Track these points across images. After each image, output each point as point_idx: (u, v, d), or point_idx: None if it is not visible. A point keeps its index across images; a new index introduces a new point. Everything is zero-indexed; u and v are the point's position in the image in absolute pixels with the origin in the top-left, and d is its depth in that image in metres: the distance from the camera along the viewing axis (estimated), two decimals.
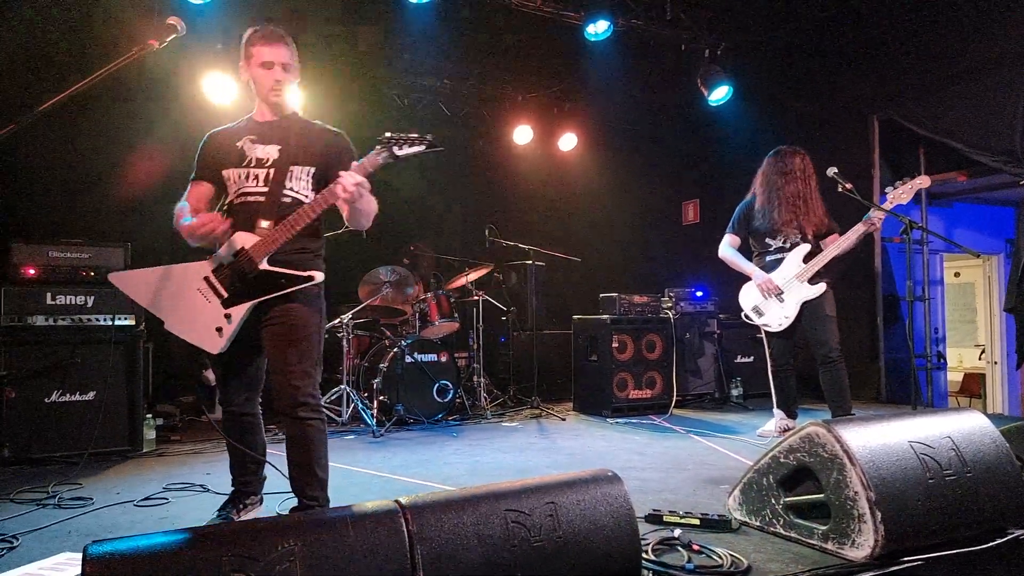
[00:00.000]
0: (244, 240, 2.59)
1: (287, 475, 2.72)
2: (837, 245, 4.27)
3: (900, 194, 4.14)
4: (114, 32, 5.56)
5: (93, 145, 6.10)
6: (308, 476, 2.63)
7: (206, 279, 2.59)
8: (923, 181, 4.15)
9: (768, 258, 4.49)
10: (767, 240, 4.49)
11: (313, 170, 2.74)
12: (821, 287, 4.30)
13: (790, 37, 6.82)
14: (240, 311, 2.57)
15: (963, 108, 5.62)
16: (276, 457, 3.98)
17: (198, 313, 2.56)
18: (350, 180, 2.50)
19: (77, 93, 2.31)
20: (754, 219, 4.51)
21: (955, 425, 2.54)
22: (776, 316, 4.43)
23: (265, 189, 2.64)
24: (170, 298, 2.57)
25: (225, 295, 2.58)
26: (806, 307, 4.34)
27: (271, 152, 2.68)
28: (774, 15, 6.80)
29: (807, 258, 4.33)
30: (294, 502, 2.75)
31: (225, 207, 2.74)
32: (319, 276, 2.64)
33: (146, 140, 6.11)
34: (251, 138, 2.72)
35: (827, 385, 4.29)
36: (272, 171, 2.65)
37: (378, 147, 2.56)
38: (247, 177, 2.67)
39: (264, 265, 2.57)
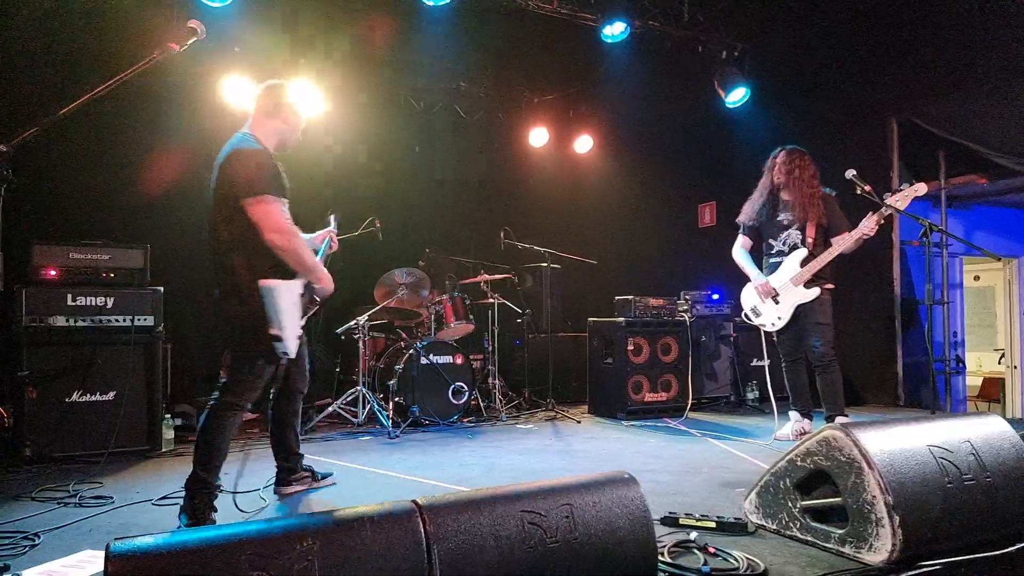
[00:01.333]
0: None
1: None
2: (830, 252, 4.40)
3: (896, 201, 4.19)
4: (133, 34, 5.62)
5: (113, 147, 6.15)
6: None
7: (301, 295, 2.98)
8: (919, 188, 4.21)
9: (770, 260, 4.69)
10: (770, 242, 4.70)
11: None
12: (815, 291, 4.45)
13: (808, 38, 6.77)
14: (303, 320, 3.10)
15: (983, 110, 5.56)
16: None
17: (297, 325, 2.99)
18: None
19: (97, 96, 2.34)
20: (759, 222, 4.73)
21: (975, 430, 2.52)
22: (770, 316, 4.67)
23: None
24: (296, 314, 2.90)
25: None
26: (799, 311, 4.53)
27: None
28: (791, 16, 6.77)
29: (804, 262, 4.46)
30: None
31: None
32: None
33: (166, 142, 6.17)
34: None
35: (821, 388, 4.50)
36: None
37: (334, 225, 3.63)
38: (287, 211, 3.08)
39: None
